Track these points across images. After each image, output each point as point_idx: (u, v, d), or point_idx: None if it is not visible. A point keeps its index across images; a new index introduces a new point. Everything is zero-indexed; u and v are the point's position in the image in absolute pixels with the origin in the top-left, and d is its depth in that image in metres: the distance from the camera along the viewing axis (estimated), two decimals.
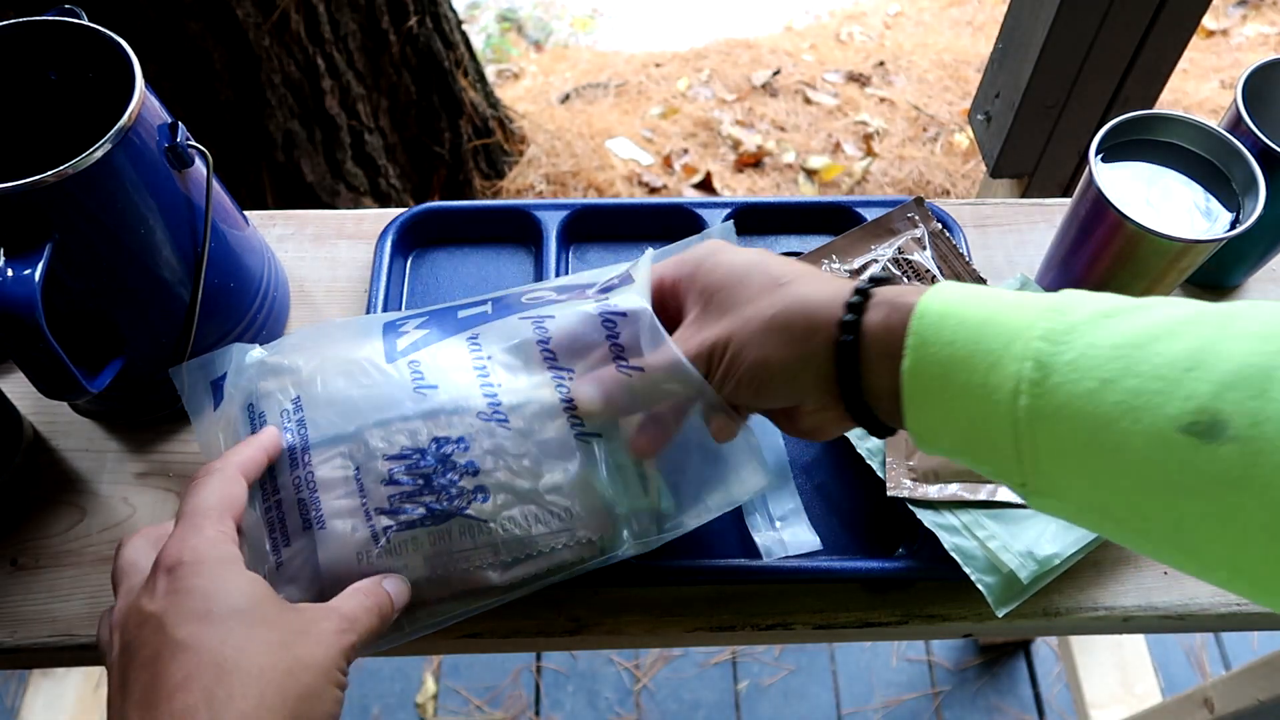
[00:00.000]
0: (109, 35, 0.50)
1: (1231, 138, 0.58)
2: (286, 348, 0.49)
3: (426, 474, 0.44)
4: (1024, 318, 0.35)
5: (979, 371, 0.35)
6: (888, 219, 0.64)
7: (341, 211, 0.71)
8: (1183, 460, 0.30)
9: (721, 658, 1.33)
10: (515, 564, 0.45)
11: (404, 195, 1.71)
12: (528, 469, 0.45)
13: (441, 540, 0.44)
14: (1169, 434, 0.30)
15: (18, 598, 0.54)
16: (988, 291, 0.37)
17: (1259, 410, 0.28)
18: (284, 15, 1.36)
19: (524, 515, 0.45)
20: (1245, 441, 0.29)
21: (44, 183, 0.45)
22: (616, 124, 2.04)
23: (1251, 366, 0.29)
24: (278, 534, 0.45)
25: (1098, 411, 0.32)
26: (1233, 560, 0.31)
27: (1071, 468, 0.34)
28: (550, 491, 0.45)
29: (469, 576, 0.45)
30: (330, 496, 0.44)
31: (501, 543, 0.44)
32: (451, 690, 1.30)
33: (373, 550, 0.43)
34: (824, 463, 0.58)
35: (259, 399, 0.48)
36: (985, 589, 0.50)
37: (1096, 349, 0.32)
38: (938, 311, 0.37)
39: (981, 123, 1.06)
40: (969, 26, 2.38)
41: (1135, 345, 0.32)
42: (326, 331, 0.50)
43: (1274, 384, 0.28)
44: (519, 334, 0.48)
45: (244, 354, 0.50)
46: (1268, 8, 2.40)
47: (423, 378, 0.46)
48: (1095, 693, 1.14)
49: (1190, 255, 0.56)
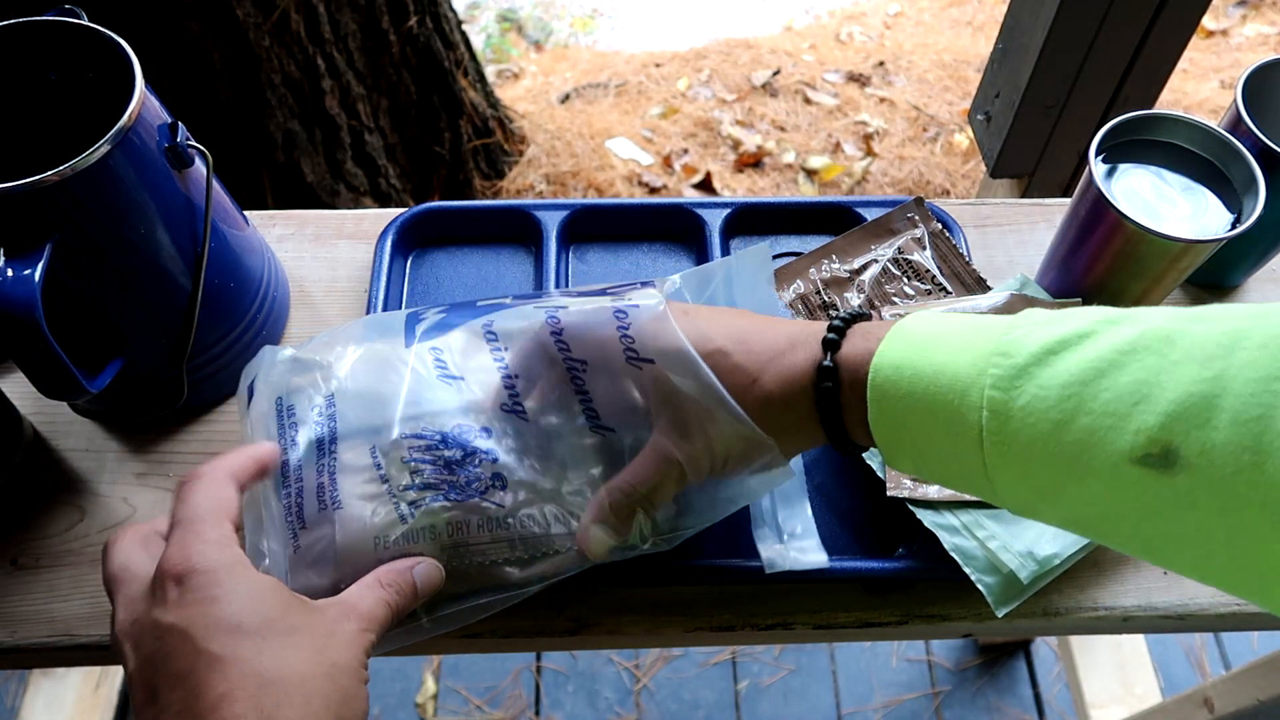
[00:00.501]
0: (109, 35, 0.50)
1: (1231, 138, 0.58)
2: (315, 345, 0.50)
3: (448, 463, 0.45)
4: (973, 364, 0.36)
5: (941, 421, 0.37)
6: (888, 219, 0.64)
7: (341, 211, 0.71)
8: (1141, 490, 0.31)
9: (721, 658, 1.33)
10: (533, 561, 0.45)
11: (404, 195, 1.71)
12: (550, 468, 0.45)
13: (459, 532, 0.44)
14: (1124, 467, 0.31)
15: (18, 598, 0.54)
16: (937, 333, 0.38)
17: (1205, 439, 0.29)
18: (284, 15, 1.36)
19: (543, 514, 0.45)
20: (1197, 470, 0.30)
21: (44, 183, 0.45)
22: (616, 124, 2.04)
23: (1194, 395, 0.30)
24: (293, 519, 0.45)
25: (1058, 451, 0.33)
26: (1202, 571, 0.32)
27: (1044, 501, 0.35)
28: (573, 494, 0.45)
29: (487, 572, 0.45)
30: (351, 482, 0.44)
31: (519, 539, 0.45)
32: (451, 690, 1.30)
33: (390, 537, 0.43)
34: (824, 463, 0.58)
35: (289, 394, 0.48)
36: (985, 589, 0.50)
37: (1046, 390, 0.33)
38: (893, 365, 0.38)
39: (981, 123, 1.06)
40: (969, 26, 2.38)
41: (1082, 383, 0.33)
42: (353, 327, 0.51)
43: (1217, 412, 0.29)
44: (532, 320, 0.48)
45: (275, 354, 0.50)
46: (1268, 8, 2.40)
47: (445, 368, 0.47)
48: (1095, 693, 1.14)
49: (1190, 255, 0.56)
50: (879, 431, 0.39)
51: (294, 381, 0.48)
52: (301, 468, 0.46)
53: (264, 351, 0.50)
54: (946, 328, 0.38)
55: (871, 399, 0.39)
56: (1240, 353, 0.30)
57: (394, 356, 0.48)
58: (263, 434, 0.48)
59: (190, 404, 0.60)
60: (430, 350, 0.48)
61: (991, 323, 0.37)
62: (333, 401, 0.47)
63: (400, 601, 0.42)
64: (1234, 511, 0.29)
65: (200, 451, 0.59)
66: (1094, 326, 0.34)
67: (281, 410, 0.48)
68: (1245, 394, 0.29)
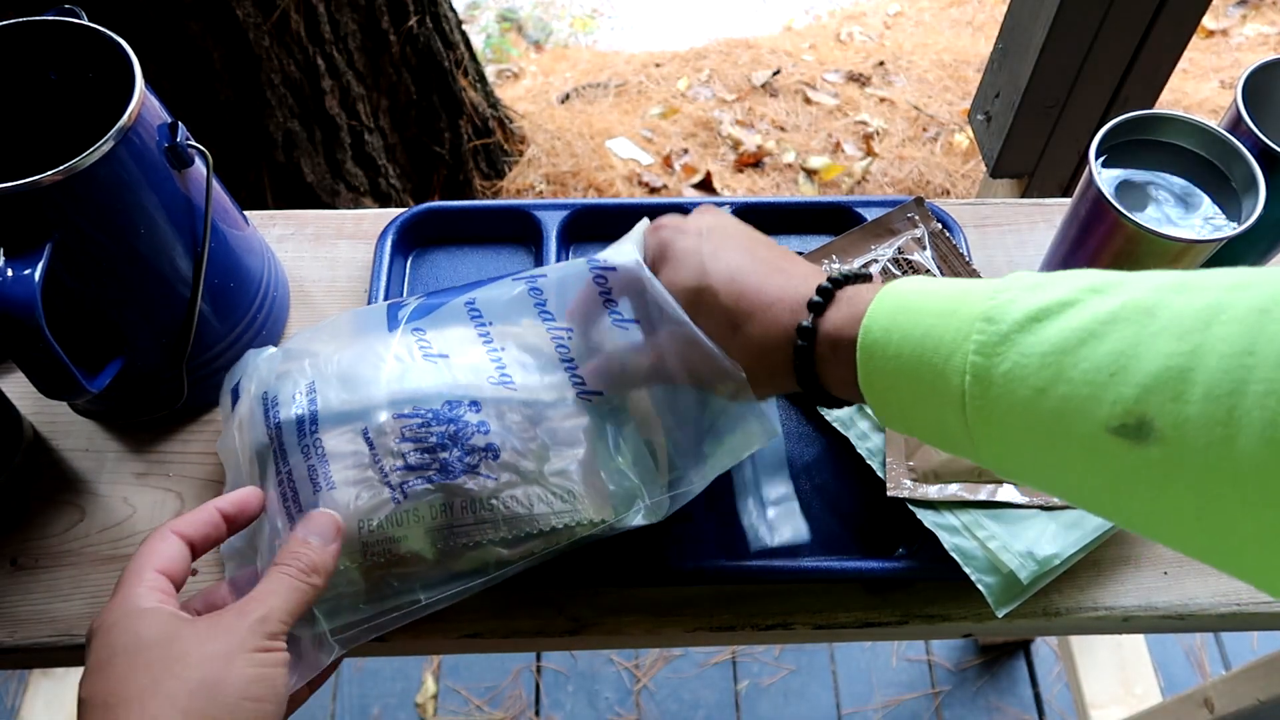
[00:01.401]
0: (109, 35, 0.50)
1: (1231, 138, 0.58)
2: (298, 339, 0.51)
3: (437, 442, 0.45)
4: (959, 329, 0.36)
5: (925, 383, 0.37)
6: (888, 219, 0.64)
7: (341, 211, 0.71)
8: (1117, 461, 0.31)
9: (721, 658, 1.33)
10: (520, 541, 0.45)
11: (404, 195, 1.71)
12: (534, 450, 0.46)
13: (444, 514, 0.44)
14: (1101, 436, 0.32)
15: (18, 598, 0.54)
16: (928, 294, 0.39)
17: (1178, 412, 0.29)
18: (284, 15, 1.36)
19: (526, 495, 0.45)
20: (1170, 442, 0.30)
21: (44, 183, 0.45)
22: (616, 124, 2.04)
23: (1169, 369, 0.30)
24: (291, 505, 0.45)
25: (1037, 419, 0.34)
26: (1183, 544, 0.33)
27: (1026, 467, 0.36)
28: (555, 475, 0.46)
29: (475, 553, 0.45)
30: (338, 466, 0.45)
31: (504, 519, 0.45)
32: (451, 690, 1.30)
33: (373, 521, 0.44)
34: (824, 463, 0.58)
35: (273, 385, 0.48)
36: (985, 589, 0.50)
37: (1028, 358, 0.34)
38: (881, 327, 0.39)
39: (981, 123, 1.06)
40: (969, 26, 2.38)
41: (1062, 351, 0.33)
42: (336, 320, 0.52)
43: (1190, 386, 0.29)
44: (512, 291, 0.49)
45: (257, 355, 0.51)
46: (1268, 8, 2.40)
47: (429, 347, 0.47)
48: (1095, 693, 1.14)
49: (1190, 255, 0.56)
50: (869, 393, 0.40)
51: (279, 369, 0.49)
52: (288, 452, 0.46)
53: (248, 355, 0.51)
54: (935, 291, 0.39)
55: (860, 360, 0.40)
56: (1217, 326, 0.30)
57: (377, 341, 0.48)
58: (250, 431, 0.48)
59: (190, 404, 0.60)
60: (413, 332, 0.48)
61: (979, 286, 0.38)
62: (314, 387, 0.47)
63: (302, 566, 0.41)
64: (1206, 485, 0.29)
65: (200, 451, 0.59)
66: (1078, 295, 0.35)
67: (267, 403, 0.48)
68: (1219, 368, 0.29)
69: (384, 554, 0.44)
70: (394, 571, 0.44)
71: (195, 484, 0.58)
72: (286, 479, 0.46)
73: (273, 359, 0.50)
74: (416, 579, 0.45)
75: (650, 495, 0.47)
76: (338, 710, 1.28)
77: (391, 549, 0.44)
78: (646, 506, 0.47)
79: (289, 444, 0.46)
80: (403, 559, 0.44)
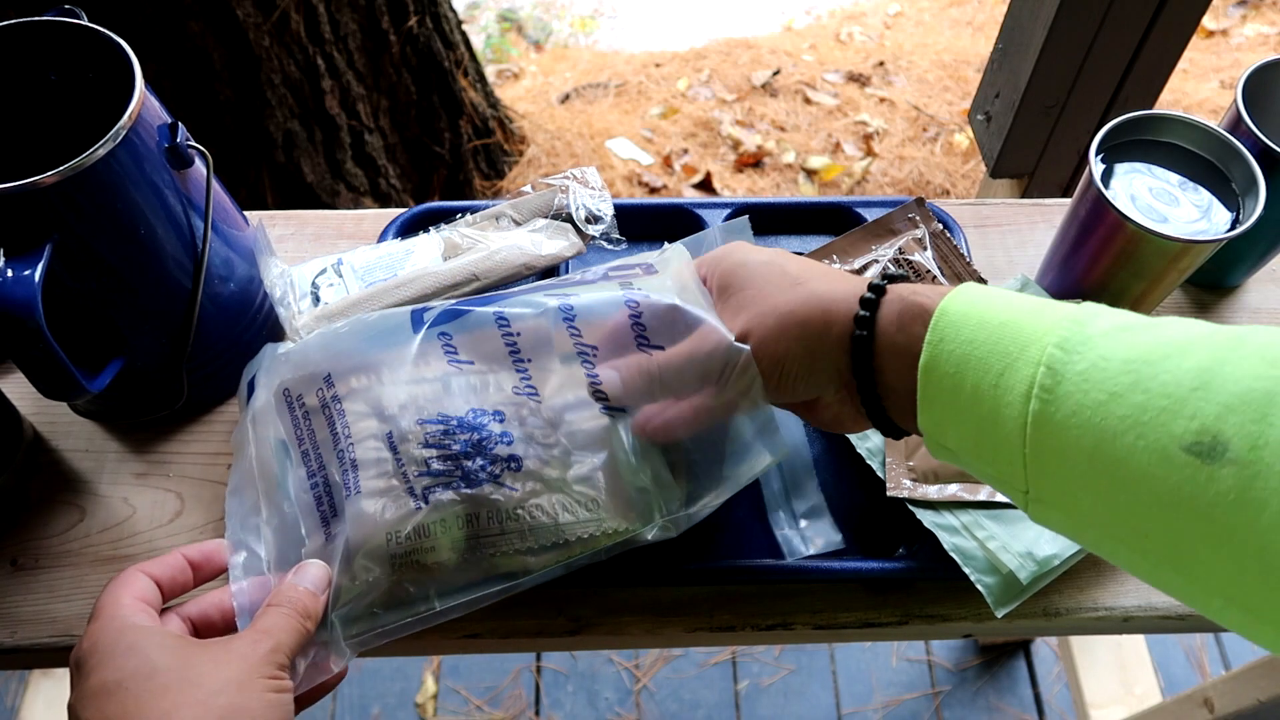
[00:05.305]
0: (109, 35, 0.50)
1: (1231, 138, 0.58)
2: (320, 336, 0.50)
3: (461, 450, 0.45)
4: (1043, 324, 0.36)
5: (993, 373, 0.36)
6: (888, 219, 0.64)
7: (341, 211, 0.71)
8: (1183, 479, 0.31)
9: (721, 658, 1.33)
10: (545, 550, 0.45)
11: (404, 195, 1.71)
12: (557, 458, 0.45)
13: (470, 525, 0.44)
14: (1172, 451, 0.31)
15: (18, 598, 0.54)
16: (1012, 296, 0.38)
17: (1259, 434, 0.29)
18: (284, 15, 1.36)
19: (551, 504, 0.45)
20: (1244, 464, 0.29)
21: (44, 183, 0.45)
22: (616, 124, 2.04)
23: (1255, 390, 0.30)
24: (325, 508, 0.45)
25: (1105, 424, 0.32)
26: (1226, 585, 0.31)
27: (1075, 477, 0.34)
28: (578, 482, 0.46)
29: (499, 562, 0.45)
30: (366, 475, 0.44)
31: (529, 529, 0.45)
32: (451, 690, 1.30)
33: (401, 533, 0.43)
34: (824, 463, 0.58)
35: (295, 384, 0.48)
36: (985, 589, 0.50)
37: (1109, 361, 0.33)
38: (960, 311, 0.38)
39: (981, 123, 1.06)
40: (969, 26, 2.38)
41: (1146, 361, 0.32)
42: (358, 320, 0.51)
43: (1276, 408, 0.29)
44: (544, 304, 0.48)
45: (276, 349, 0.50)
46: (1268, 8, 2.40)
47: (455, 353, 0.47)
48: (1095, 693, 1.14)
49: (1190, 255, 0.56)
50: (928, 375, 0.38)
51: (300, 374, 0.48)
52: (322, 457, 0.46)
53: (266, 349, 0.50)
54: (1018, 295, 0.39)
55: (930, 340, 0.38)
56: None
57: (402, 345, 0.48)
58: (267, 427, 0.48)
59: (190, 404, 0.60)
60: (439, 336, 0.48)
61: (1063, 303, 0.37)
62: (340, 394, 0.47)
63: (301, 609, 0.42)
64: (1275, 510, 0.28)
65: (200, 451, 0.60)
66: (1167, 320, 0.35)
67: (291, 401, 0.48)
68: None
69: (411, 564, 0.44)
70: (415, 579, 0.44)
71: (195, 484, 0.58)
72: (321, 483, 0.45)
73: (291, 353, 0.49)
74: (435, 587, 0.45)
75: (668, 508, 0.47)
76: (338, 710, 1.28)
77: (419, 559, 0.44)
78: (663, 521, 0.47)
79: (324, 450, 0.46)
80: (428, 569, 0.44)
